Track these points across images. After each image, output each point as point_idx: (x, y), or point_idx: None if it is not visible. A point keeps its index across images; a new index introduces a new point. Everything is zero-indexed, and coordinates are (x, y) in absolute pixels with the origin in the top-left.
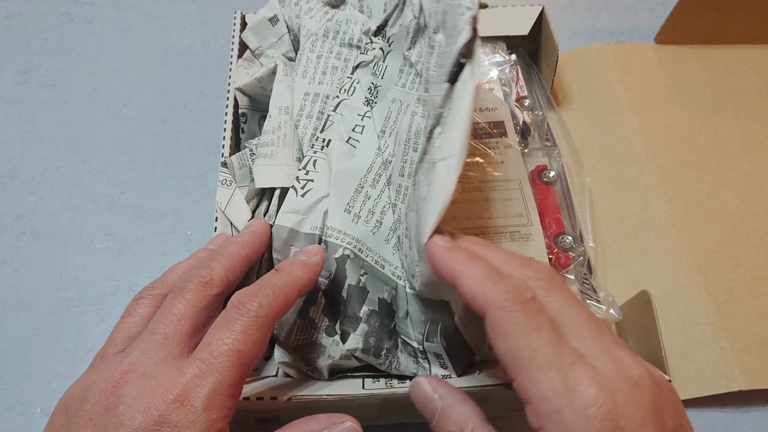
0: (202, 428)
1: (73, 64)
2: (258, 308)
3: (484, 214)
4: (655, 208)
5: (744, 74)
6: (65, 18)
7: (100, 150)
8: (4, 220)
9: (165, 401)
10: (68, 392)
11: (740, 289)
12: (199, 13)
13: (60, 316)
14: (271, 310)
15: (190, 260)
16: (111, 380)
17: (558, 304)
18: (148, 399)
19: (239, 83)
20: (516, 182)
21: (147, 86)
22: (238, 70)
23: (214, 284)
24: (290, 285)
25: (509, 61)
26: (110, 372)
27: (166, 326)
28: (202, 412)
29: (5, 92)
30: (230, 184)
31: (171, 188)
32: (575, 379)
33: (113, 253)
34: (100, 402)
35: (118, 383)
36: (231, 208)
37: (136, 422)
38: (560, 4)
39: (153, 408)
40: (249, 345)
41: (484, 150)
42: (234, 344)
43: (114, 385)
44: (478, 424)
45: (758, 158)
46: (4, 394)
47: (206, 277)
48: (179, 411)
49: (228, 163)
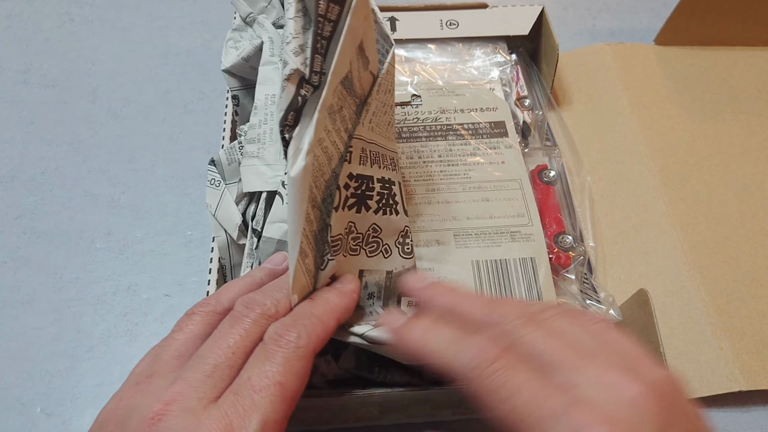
0: None
1: (73, 64)
2: (297, 338)
3: (485, 214)
4: (656, 209)
5: (744, 76)
6: (65, 18)
7: (100, 150)
8: (5, 220)
9: None
10: (109, 409)
11: (740, 290)
12: (199, 13)
13: (60, 316)
14: (311, 340)
15: (245, 279)
16: (153, 409)
17: (537, 339)
18: None
19: (226, 64)
20: (517, 182)
21: (147, 86)
22: (227, 47)
23: (276, 318)
24: (327, 313)
25: (510, 61)
26: (153, 399)
27: (217, 356)
28: None
29: (5, 92)
30: (218, 184)
31: (171, 188)
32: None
33: (113, 253)
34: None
35: (160, 415)
36: (221, 210)
37: None
38: (560, 4)
39: None
40: (291, 378)
41: (485, 150)
42: (275, 377)
43: (155, 416)
44: None
45: (758, 159)
46: (4, 394)
47: (271, 310)
48: None
49: (216, 160)
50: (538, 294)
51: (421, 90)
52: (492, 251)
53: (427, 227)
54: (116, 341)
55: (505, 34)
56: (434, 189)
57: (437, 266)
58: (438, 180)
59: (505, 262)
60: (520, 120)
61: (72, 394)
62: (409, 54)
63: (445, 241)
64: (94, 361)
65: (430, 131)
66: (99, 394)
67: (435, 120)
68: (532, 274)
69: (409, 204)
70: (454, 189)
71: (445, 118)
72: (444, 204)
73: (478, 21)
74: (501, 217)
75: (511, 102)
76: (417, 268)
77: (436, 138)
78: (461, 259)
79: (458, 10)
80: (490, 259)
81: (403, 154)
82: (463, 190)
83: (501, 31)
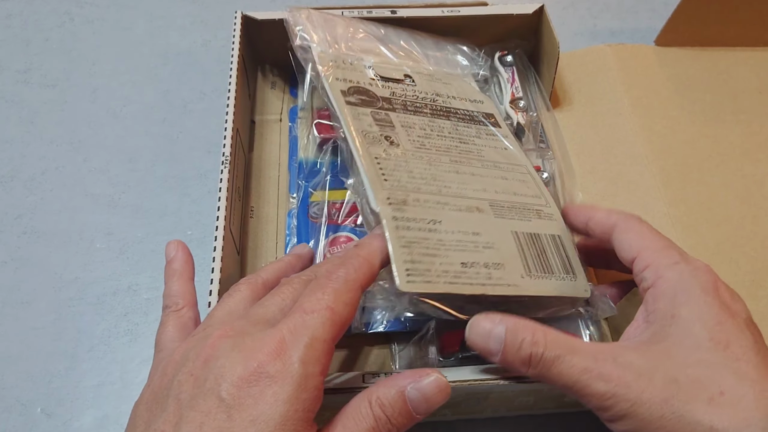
0: (298, 381)
1: (74, 64)
2: (346, 273)
3: (509, 190)
4: (656, 210)
5: (744, 77)
6: (66, 18)
7: (101, 150)
8: (5, 220)
9: (263, 353)
10: (165, 360)
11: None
12: (199, 13)
13: (60, 316)
14: (359, 275)
15: (278, 262)
16: (210, 338)
17: None
18: (246, 352)
19: None
20: (524, 167)
21: (147, 86)
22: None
23: None
24: (372, 254)
25: (505, 62)
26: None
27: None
28: (299, 364)
29: (5, 92)
30: None
31: (171, 188)
32: (687, 256)
33: (113, 253)
34: (200, 357)
35: (218, 339)
36: None
37: (235, 373)
38: (560, 4)
39: (251, 359)
40: (340, 305)
41: (486, 136)
42: (326, 302)
43: (214, 340)
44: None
45: (758, 161)
46: (4, 394)
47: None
48: (276, 362)
49: None
50: (572, 270)
51: (413, 73)
52: (525, 225)
53: (463, 194)
54: (116, 341)
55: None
56: (457, 161)
57: (483, 232)
58: (456, 153)
59: (538, 237)
60: (514, 121)
61: (72, 394)
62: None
63: (483, 209)
64: (94, 361)
65: (433, 110)
66: (99, 394)
67: (433, 101)
68: (563, 250)
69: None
70: (474, 164)
71: (441, 101)
72: (470, 176)
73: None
74: (522, 195)
75: (506, 103)
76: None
77: (440, 117)
78: (502, 228)
79: (458, 8)
80: (526, 232)
81: (416, 126)
82: (483, 167)
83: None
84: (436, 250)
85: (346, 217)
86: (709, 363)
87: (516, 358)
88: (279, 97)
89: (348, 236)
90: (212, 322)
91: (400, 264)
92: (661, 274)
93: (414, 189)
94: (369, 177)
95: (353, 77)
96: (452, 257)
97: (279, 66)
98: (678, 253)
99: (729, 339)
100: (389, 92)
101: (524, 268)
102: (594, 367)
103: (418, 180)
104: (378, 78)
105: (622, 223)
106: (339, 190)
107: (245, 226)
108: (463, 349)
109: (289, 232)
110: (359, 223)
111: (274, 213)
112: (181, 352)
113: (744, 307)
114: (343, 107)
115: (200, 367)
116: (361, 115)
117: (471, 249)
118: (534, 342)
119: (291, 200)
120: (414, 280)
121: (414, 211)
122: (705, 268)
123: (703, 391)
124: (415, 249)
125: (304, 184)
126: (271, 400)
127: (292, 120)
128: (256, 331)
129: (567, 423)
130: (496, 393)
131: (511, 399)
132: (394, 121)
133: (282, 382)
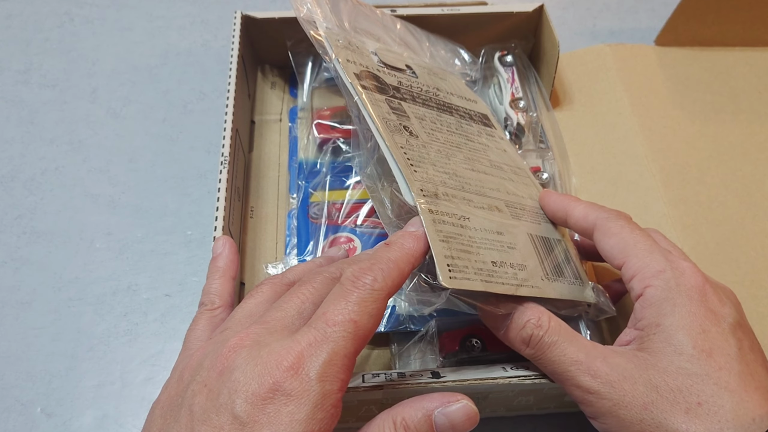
0: (315, 400)
1: (73, 64)
2: (373, 281)
3: (517, 192)
4: (656, 210)
5: (744, 77)
6: (65, 18)
7: (100, 150)
8: (4, 220)
9: (279, 368)
10: (184, 363)
11: (740, 291)
12: (199, 13)
13: (60, 316)
14: (386, 284)
15: (307, 263)
16: (226, 345)
17: None
18: (262, 366)
19: None
20: (524, 171)
21: (147, 86)
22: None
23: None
24: (403, 258)
25: (505, 62)
26: (226, 338)
27: (292, 304)
28: (317, 382)
29: (5, 92)
30: None
31: (171, 188)
32: (673, 260)
33: (113, 253)
34: (215, 367)
35: (234, 348)
36: None
37: (250, 389)
38: (560, 3)
39: (267, 375)
40: (365, 317)
41: (485, 136)
42: (350, 315)
43: (229, 350)
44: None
45: (758, 161)
46: (4, 394)
47: (335, 273)
48: (293, 379)
49: None
50: (579, 274)
51: (413, 64)
52: (537, 228)
53: (482, 191)
54: (116, 341)
55: (508, 11)
56: (470, 158)
57: (505, 232)
58: (468, 150)
59: (548, 240)
60: (514, 121)
61: (72, 394)
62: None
63: (502, 209)
64: (94, 361)
65: (437, 104)
66: (99, 394)
67: (435, 95)
68: (568, 254)
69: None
70: (484, 163)
71: (442, 96)
72: (483, 174)
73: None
74: (528, 198)
75: (506, 103)
76: (490, 231)
77: (445, 112)
78: (520, 230)
79: (458, 7)
80: (539, 235)
81: (426, 118)
82: (491, 166)
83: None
84: (469, 247)
85: (346, 217)
86: (690, 372)
87: (518, 336)
88: (279, 97)
89: (348, 236)
90: (230, 325)
91: (441, 259)
92: (648, 283)
93: (441, 183)
94: (400, 166)
95: (362, 61)
96: (483, 255)
97: (279, 66)
98: (663, 258)
99: (712, 348)
100: (396, 81)
101: (543, 270)
102: (584, 361)
103: (442, 174)
104: (384, 65)
105: (601, 226)
106: (339, 190)
107: (245, 227)
108: (462, 349)
109: (289, 232)
110: (359, 224)
111: (273, 213)
112: (198, 357)
113: (732, 309)
114: (361, 91)
115: (215, 379)
116: (378, 101)
117: (498, 248)
118: (538, 325)
119: (291, 200)
120: (456, 276)
121: (446, 205)
122: (692, 271)
123: (681, 401)
124: (452, 245)
125: (304, 185)
126: (287, 419)
127: (292, 120)
128: (273, 341)
129: (567, 423)
130: (495, 393)
131: (510, 399)
132: (407, 111)
133: (298, 401)
